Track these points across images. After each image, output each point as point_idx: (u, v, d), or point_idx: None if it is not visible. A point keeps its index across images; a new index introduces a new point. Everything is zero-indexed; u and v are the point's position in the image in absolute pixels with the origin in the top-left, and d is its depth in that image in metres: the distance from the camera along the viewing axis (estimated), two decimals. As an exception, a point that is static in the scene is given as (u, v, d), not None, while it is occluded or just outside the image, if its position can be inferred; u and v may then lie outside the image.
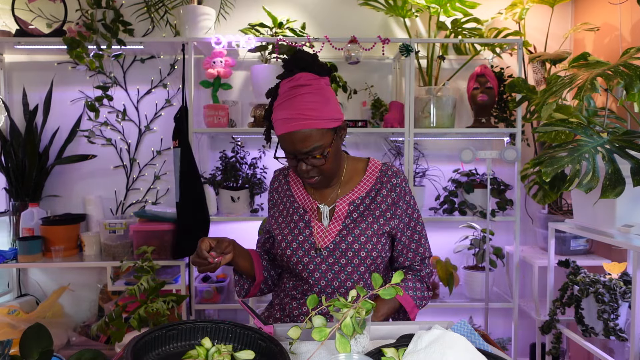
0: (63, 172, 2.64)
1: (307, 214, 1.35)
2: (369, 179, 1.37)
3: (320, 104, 1.22)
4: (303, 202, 1.37)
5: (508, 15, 2.53)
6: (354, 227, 1.30)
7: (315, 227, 1.32)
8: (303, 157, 1.23)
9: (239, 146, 2.52)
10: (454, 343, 0.75)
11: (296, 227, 1.34)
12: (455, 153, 2.63)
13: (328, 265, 1.28)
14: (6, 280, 2.60)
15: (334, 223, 1.31)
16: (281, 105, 1.23)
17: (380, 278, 0.89)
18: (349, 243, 1.28)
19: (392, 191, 1.34)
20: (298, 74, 1.24)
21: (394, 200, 1.34)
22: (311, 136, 1.20)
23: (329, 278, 1.28)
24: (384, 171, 1.37)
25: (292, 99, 1.21)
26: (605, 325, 1.75)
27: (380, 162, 1.41)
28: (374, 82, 2.65)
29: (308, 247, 1.30)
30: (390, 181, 1.35)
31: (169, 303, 1.92)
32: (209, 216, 2.33)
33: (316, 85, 1.23)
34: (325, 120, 1.22)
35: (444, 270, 2.38)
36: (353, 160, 1.42)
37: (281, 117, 1.22)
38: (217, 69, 2.35)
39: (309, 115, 1.19)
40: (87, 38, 2.24)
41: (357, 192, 1.35)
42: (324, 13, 2.66)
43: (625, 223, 1.68)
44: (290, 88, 1.23)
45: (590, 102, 1.95)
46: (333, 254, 1.28)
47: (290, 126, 1.20)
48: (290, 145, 1.22)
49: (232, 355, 0.81)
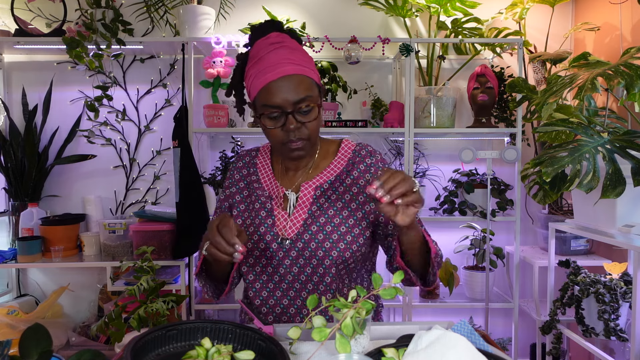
0: (62, 172, 2.64)
1: (271, 201, 1.21)
2: (339, 161, 1.23)
3: (305, 55, 1.13)
4: (269, 188, 1.23)
5: (508, 15, 2.53)
6: (319, 214, 1.17)
7: (277, 216, 1.19)
8: (293, 109, 1.08)
9: (239, 146, 2.51)
10: (454, 343, 0.75)
11: (257, 216, 1.21)
12: (455, 153, 2.63)
13: (292, 259, 1.16)
14: (5, 281, 2.60)
15: (299, 211, 1.18)
16: (263, 59, 1.10)
17: (380, 278, 0.86)
18: (313, 233, 1.15)
19: (365, 172, 1.19)
20: (273, 33, 1.14)
21: (368, 182, 1.19)
22: (302, 83, 1.08)
23: (294, 272, 1.16)
24: (356, 151, 1.23)
25: (275, 50, 1.10)
26: (606, 326, 1.74)
27: (355, 142, 1.27)
28: (374, 82, 2.65)
29: (270, 239, 1.17)
30: (364, 161, 1.21)
31: (169, 303, 1.92)
32: (209, 216, 2.32)
33: (295, 44, 1.14)
34: (313, 72, 1.12)
35: (444, 270, 2.38)
36: (326, 142, 1.29)
37: (266, 66, 1.08)
38: (217, 69, 2.35)
39: (298, 61, 1.09)
40: (87, 38, 2.24)
41: (326, 176, 1.21)
42: (324, 13, 2.66)
43: (625, 223, 1.68)
44: (270, 44, 1.11)
45: (591, 102, 1.95)
46: (296, 245, 1.15)
47: (281, 71, 1.07)
48: (279, 95, 1.07)
49: (232, 355, 0.81)
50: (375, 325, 1.04)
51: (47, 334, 0.77)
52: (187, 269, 2.33)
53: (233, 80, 1.21)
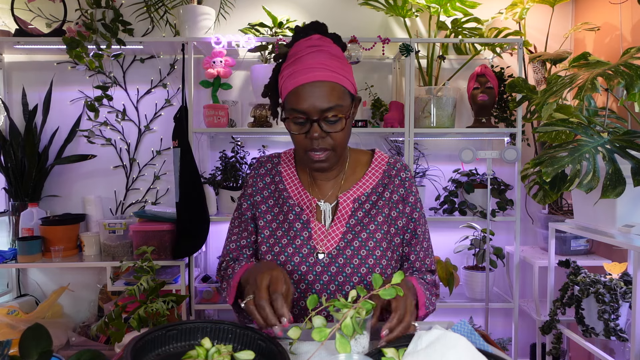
0: (62, 172, 2.64)
1: (304, 212, 1.15)
2: (375, 173, 1.19)
3: (343, 63, 1.08)
4: (298, 198, 1.17)
5: (508, 15, 2.53)
6: (360, 229, 1.12)
7: (314, 228, 1.13)
8: (319, 117, 1.03)
9: (239, 146, 2.51)
10: (454, 343, 0.75)
11: (292, 228, 1.14)
12: (455, 153, 2.63)
13: (330, 275, 1.09)
14: (6, 281, 2.60)
15: (337, 224, 1.13)
16: (299, 59, 1.05)
17: (381, 278, 0.85)
18: (355, 248, 1.10)
19: (400, 186, 1.18)
20: (315, 35, 1.10)
21: (402, 197, 1.17)
22: (334, 91, 1.03)
23: (331, 290, 1.10)
24: (392, 164, 1.21)
25: (314, 52, 1.05)
26: (606, 326, 1.74)
27: (387, 155, 1.25)
28: (374, 82, 2.65)
29: (306, 252, 1.11)
30: (399, 175, 1.19)
31: (169, 303, 1.92)
32: (209, 216, 2.32)
33: (336, 49, 1.10)
34: (349, 81, 1.07)
35: (444, 271, 2.38)
36: (356, 152, 1.25)
37: (300, 68, 1.04)
38: (217, 69, 2.35)
39: (334, 68, 1.04)
40: (87, 38, 2.24)
41: (362, 187, 1.17)
42: (324, 13, 2.66)
43: (625, 223, 1.68)
44: (309, 46, 1.07)
45: (591, 102, 1.95)
46: (336, 261, 1.10)
47: (313, 75, 1.02)
48: (308, 100, 1.02)
49: (232, 355, 0.81)
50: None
51: (47, 334, 0.77)
52: (187, 269, 2.33)
53: (270, 80, 1.15)
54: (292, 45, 1.12)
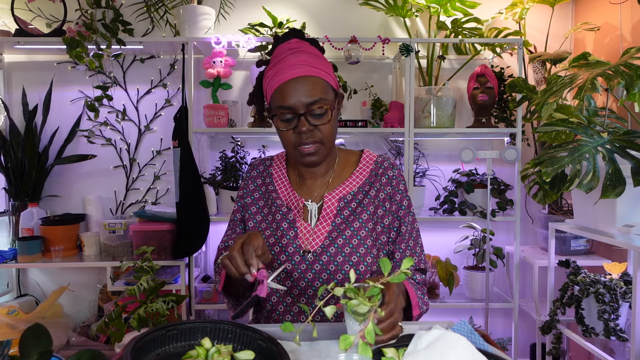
0: (62, 172, 2.64)
1: (291, 212, 1.18)
2: (361, 172, 1.22)
3: (323, 61, 1.14)
4: (287, 198, 1.21)
5: (508, 15, 2.53)
6: (345, 227, 1.15)
7: (300, 227, 1.16)
8: (306, 110, 1.08)
9: (239, 146, 2.51)
10: (454, 343, 0.75)
11: (279, 228, 1.17)
12: (455, 153, 2.63)
13: (315, 273, 1.12)
14: (6, 281, 2.60)
15: (322, 223, 1.16)
16: (282, 60, 1.10)
17: (389, 262, 0.84)
18: (339, 246, 1.13)
19: (387, 184, 1.20)
20: (294, 39, 1.16)
21: (388, 195, 1.19)
22: (317, 85, 1.08)
23: (316, 287, 1.12)
24: (379, 163, 1.23)
25: (294, 53, 1.11)
26: (606, 326, 1.74)
27: (376, 154, 1.27)
28: (374, 82, 2.65)
29: (292, 251, 1.14)
30: (386, 173, 1.21)
31: (169, 303, 1.92)
32: (209, 216, 2.32)
33: (315, 50, 1.15)
34: (330, 76, 1.13)
35: (444, 270, 2.38)
36: (345, 152, 1.28)
37: (283, 67, 1.09)
38: (217, 69, 2.35)
39: (315, 64, 1.10)
40: (87, 38, 2.24)
41: (349, 187, 1.19)
42: (324, 13, 2.66)
43: (625, 223, 1.68)
44: (290, 49, 1.12)
45: (591, 102, 1.95)
46: (320, 258, 1.13)
47: (297, 72, 1.07)
48: (294, 96, 1.07)
49: (232, 355, 0.81)
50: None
51: (47, 334, 0.77)
52: (187, 269, 2.33)
53: (255, 87, 1.19)
54: (272, 52, 1.17)
